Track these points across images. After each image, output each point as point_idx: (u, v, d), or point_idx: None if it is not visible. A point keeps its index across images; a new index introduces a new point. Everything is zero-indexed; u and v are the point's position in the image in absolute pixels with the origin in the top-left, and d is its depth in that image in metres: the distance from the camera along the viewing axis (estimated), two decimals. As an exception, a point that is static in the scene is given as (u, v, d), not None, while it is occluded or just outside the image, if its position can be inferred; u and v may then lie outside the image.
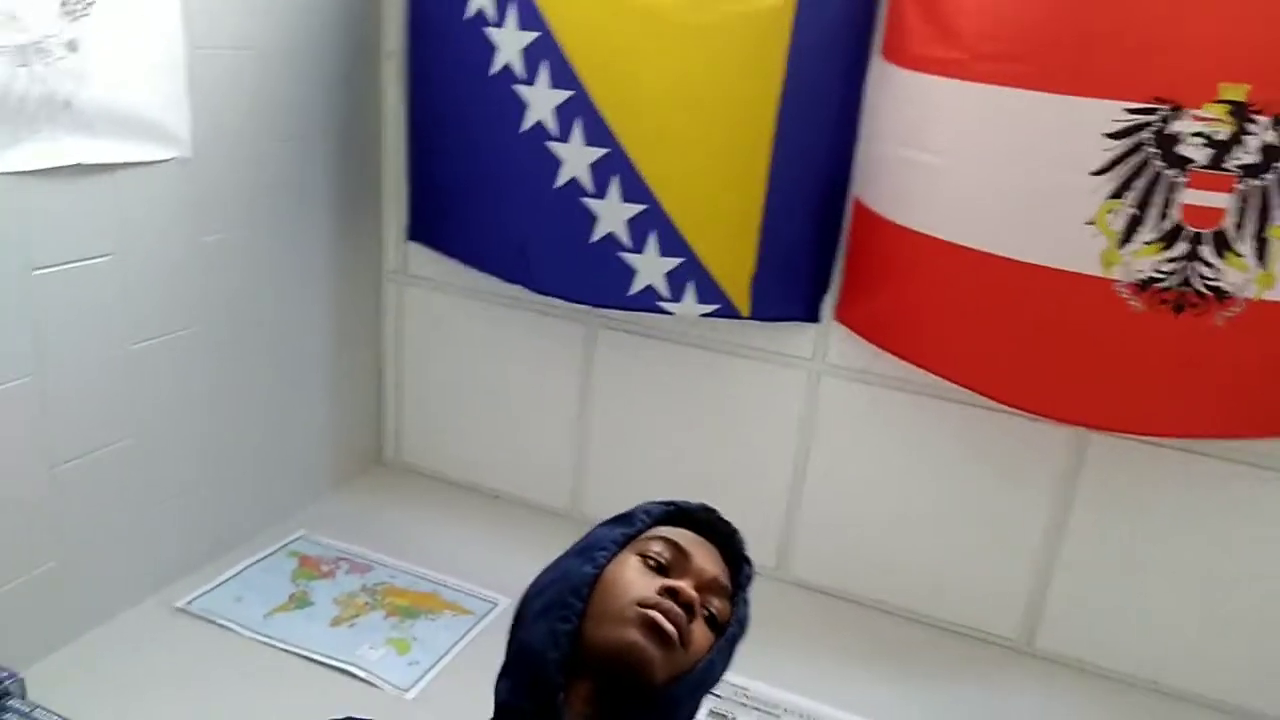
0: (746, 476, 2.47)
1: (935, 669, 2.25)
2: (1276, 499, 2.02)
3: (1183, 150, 1.67)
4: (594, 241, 2.24)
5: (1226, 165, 1.65)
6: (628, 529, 0.94)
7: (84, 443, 1.95)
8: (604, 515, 0.91)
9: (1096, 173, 1.73)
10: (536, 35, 2.13)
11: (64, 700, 1.72)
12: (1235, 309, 1.73)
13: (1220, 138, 1.64)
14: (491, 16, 2.17)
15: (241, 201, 2.20)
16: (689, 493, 2.61)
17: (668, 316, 2.30)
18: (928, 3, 1.86)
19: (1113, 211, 1.74)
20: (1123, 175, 1.71)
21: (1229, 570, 2.09)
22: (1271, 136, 1.61)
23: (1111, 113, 1.69)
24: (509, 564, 2.44)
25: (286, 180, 2.32)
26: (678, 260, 2.22)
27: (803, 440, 2.40)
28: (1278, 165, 1.63)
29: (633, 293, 2.27)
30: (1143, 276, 1.76)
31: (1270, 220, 1.66)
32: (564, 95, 2.15)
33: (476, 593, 2.33)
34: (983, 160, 1.84)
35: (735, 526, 0.99)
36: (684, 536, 0.93)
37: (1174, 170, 1.69)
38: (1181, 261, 1.73)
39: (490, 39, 2.18)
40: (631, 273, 2.25)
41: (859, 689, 2.13)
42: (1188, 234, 1.71)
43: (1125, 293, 1.78)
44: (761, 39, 2.02)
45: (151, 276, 2.02)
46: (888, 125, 2.02)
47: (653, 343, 2.48)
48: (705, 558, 0.92)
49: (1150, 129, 1.67)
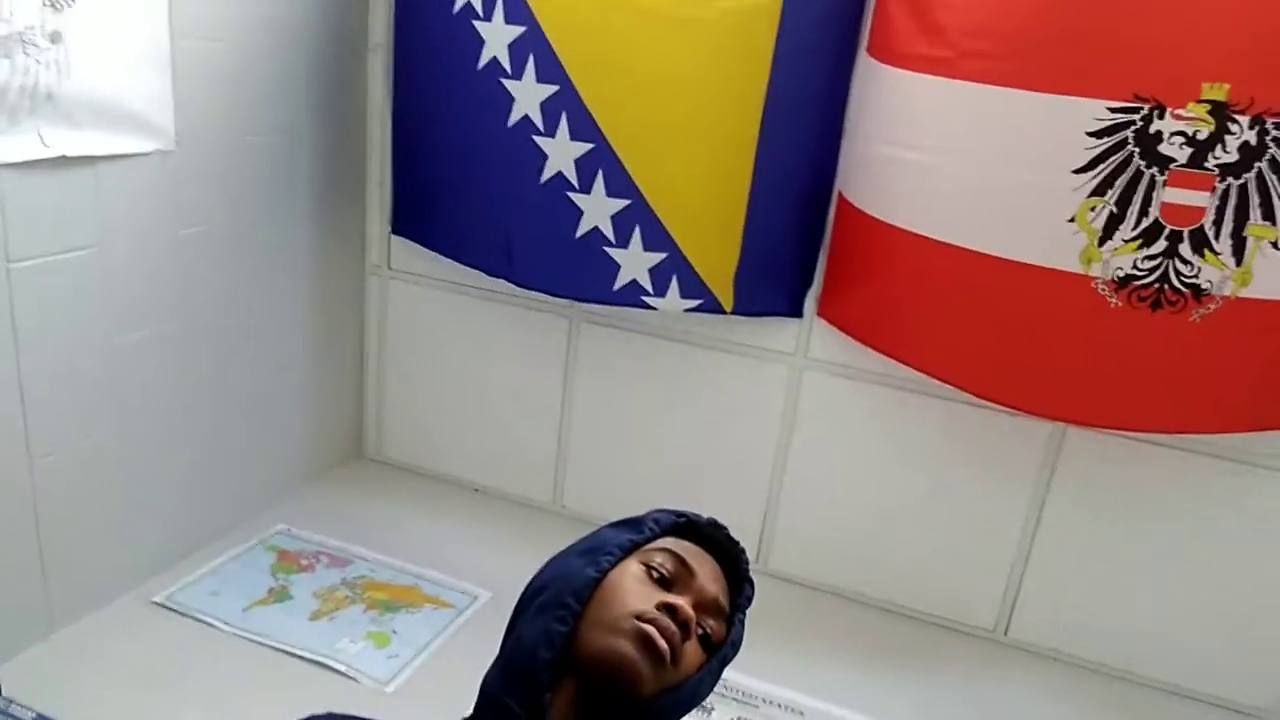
0: (728, 470, 2.48)
1: (913, 659, 2.28)
2: (1252, 493, 2.06)
3: (1164, 149, 1.69)
4: (579, 236, 2.24)
5: (1206, 164, 1.68)
6: (635, 535, 0.93)
7: (62, 436, 1.92)
8: (585, 509, 0.91)
9: (1079, 171, 1.75)
10: (523, 29, 2.12)
11: (40, 696, 1.70)
12: (1212, 306, 1.75)
13: (1201, 137, 1.67)
14: (479, 10, 2.16)
15: (224, 195, 2.18)
16: (671, 485, 2.63)
17: (651, 311, 2.31)
18: (914, 1, 1.87)
19: (1093, 209, 1.76)
20: (1104, 173, 1.73)
21: (1204, 563, 2.13)
22: (1251, 136, 1.64)
23: (1094, 111, 1.71)
24: (490, 557, 2.46)
25: (270, 173, 2.30)
26: (662, 255, 2.22)
27: (784, 434, 2.41)
28: (1257, 165, 1.65)
29: (617, 288, 2.27)
30: (1121, 274, 1.78)
31: (1248, 219, 1.69)
32: (550, 89, 2.14)
33: (457, 586, 2.32)
34: (966, 158, 1.86)
35: (743, 547, 0.98)
36: (690, 551, 0.92)
37: (1155, 169, 1.71)
38: (1160, 259, 1.76)
39: (478, 32, 2.17)
40: (616, 267, 2.25)
41: (838, 679, 2.14)
42: (1167, 232, 1.74)
43: (1104, 290, 1.80)
44: (749, 35, 2.03)
45: (132, 270, 1.99)
46: (873, 122, 2.03)
47: (635, 337, 2.48)
48: (708, 575, 0.91)
49: (1132, 128, 1.69)
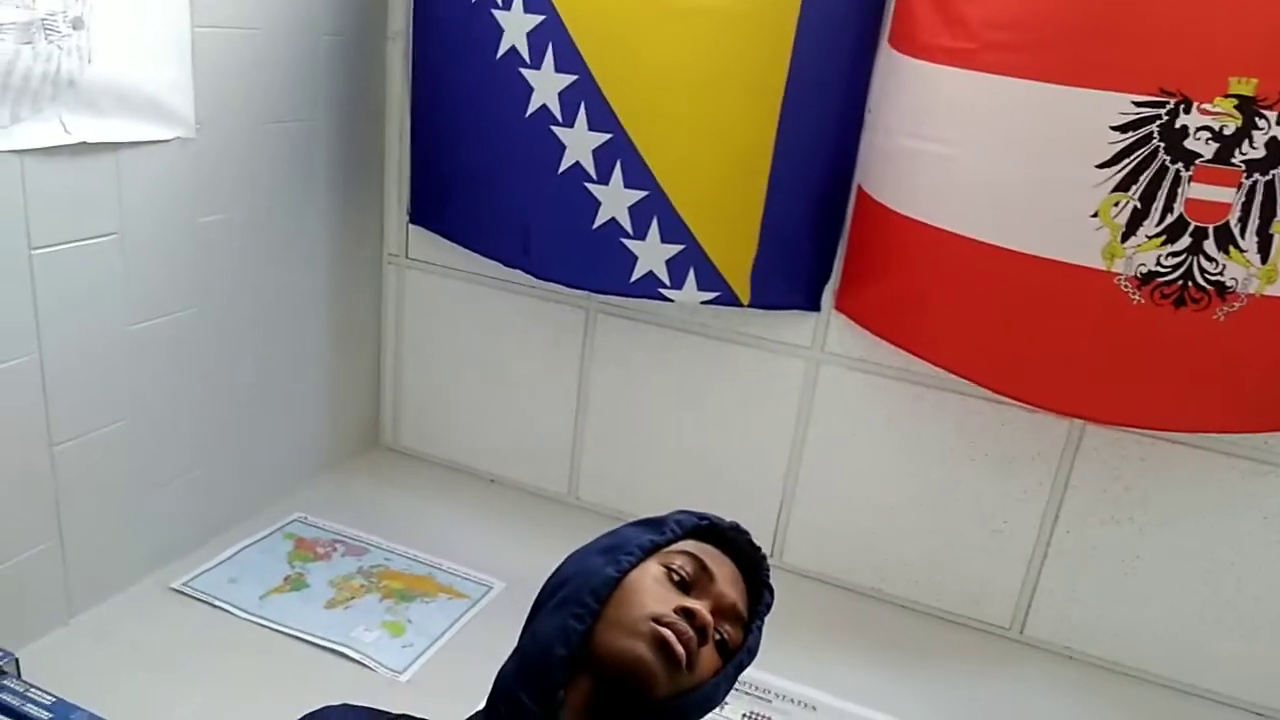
0: (743, 463, 2.47)
1: (927, 655, 2.27)
2: (1272, 493, 2.03)
3: (1189, 144, 1.67)
4: (596, 227, 2.23)
5: (1233, 160, 1.65)
6: (657, 536, 0.92)
7: (82, 422, 1.94)
8: (600, 501, 0.90)
9: (1102, 165, 1.72)
10: (542, 18, 2.11)
11: (58, 680, 1.72)
12: (1237, 304, 1.73)
13: (1227, 132, 1.64)
14: (498, -1, 2.16)
15: (243, 182, 2.19)
16: (686, 478, 2.63)
17: (668, 303, 2.30)
18: (937, -9, 1.85)
19: (1117, 204, 1.74)
20: (1128, 168, 1.71)
21: (1222, 563, 2.11)
22: (1278, 132, 1.61)
23: (1119, 105, 1.68)
24: (505, 548, 2.46)
25: (289, 162, 2.31)
26: (679, 247, 2.21)
27: (800, 429, 2.40)
28: (1284, 160, 1.63)
29: (634, 279, 2.26)
30: (1144, 270, 1.76)
31: (1275, 216, 1.66)
32: (569, 79, 2.13)
33: (472, 576, 2.33)
34: (988, 151, 1.84)
35: (764, 553, 0.98)
36: (711, 555, 0.92)
37: (1180, 164, 1.68)
38: (1184, 256, 1.74)
39: (496, 21, 2.16)
40: (633, 259, 2.24)
41: (851, 674, 2.14)
42: (1191, 228, 1.71)
43: (1126, 286, 1.78)
44: (768, 25, 2.02)
45: (152, 257, 2.00)
46: (893, 114, 2.02)
47: (652, 329, 2.47)
48: (727, 580, 0.91)
49: (1158, 122, 1.67)
